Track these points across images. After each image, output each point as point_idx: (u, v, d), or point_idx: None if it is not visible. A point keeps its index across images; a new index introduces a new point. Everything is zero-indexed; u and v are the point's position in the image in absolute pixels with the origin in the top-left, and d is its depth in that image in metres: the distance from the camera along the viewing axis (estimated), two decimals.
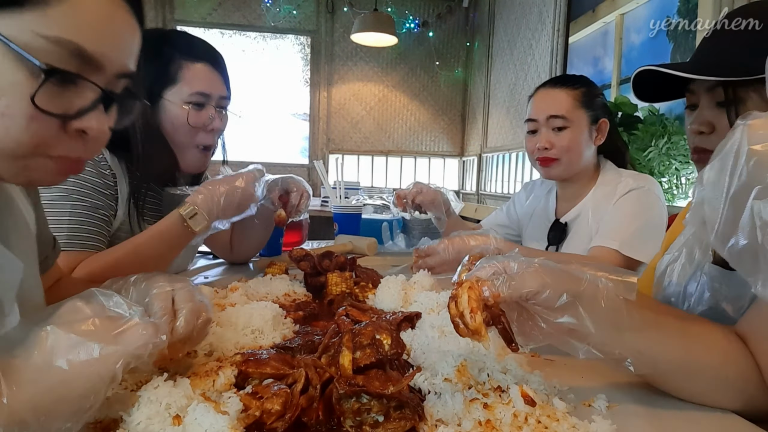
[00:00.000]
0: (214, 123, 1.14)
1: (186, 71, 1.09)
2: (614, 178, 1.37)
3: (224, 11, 4.95)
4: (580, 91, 1.36)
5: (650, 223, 1.26)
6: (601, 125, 1.37)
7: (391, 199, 2.02)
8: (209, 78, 1.12)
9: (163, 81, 1.09)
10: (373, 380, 0.53)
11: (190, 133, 1.12)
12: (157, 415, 0.49)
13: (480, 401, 0.55)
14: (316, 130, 5.22)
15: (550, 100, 1.37)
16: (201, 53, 1.12)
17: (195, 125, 1.11)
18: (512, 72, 4.18)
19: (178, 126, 1.10)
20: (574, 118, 1.35)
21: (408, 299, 0.99)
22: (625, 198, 1.30)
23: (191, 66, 1.10)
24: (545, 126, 1.37)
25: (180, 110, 1.09)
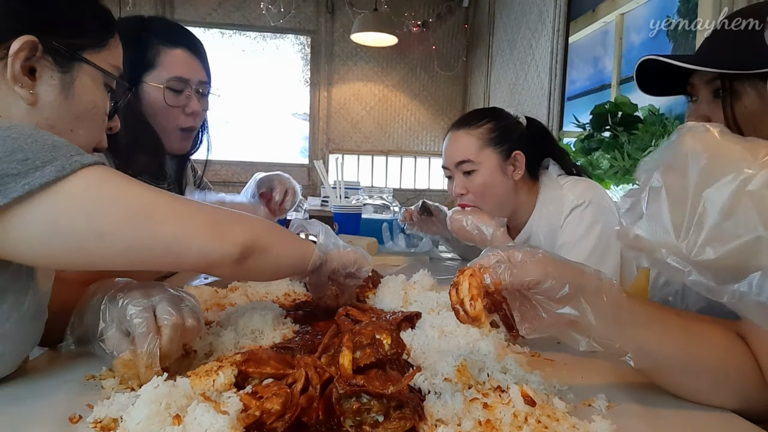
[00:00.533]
0: (192, 105, 1.15)
1: (164, 56, 1.12)
2: (553, 195, 1.32)
3: (224, 11, 4.95)
4: (485, 128, 1.32)
5: (601, 238, 1.22)
6: (516, 157, 1.32)
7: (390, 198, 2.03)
8: (187, 63, 1.14)
9: (142, 66, 1.10)
10: (373, 380, 0.53)
11: (170, 116, 1.14)
12: (157, 415, 0.49)
13: (480, 401, 0.55)
14: (316, 130, 5.22)
15: (455, 145, 1.35)
16: (179, 39, 1.15)
17: (173, 105, 1.13)
18: (512, 72, 4.18)
19: (158, 109, 1.12)
20: (481, 159, 1.31)
21: (408, 299, 0.99)
22: (569, 220, 1.26)
23: (169, 51, 1.12)
24: (456, 172, 1.35)
25: (158, 93, 1.11)
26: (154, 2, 4.77)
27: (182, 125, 1.16)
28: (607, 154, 2.54)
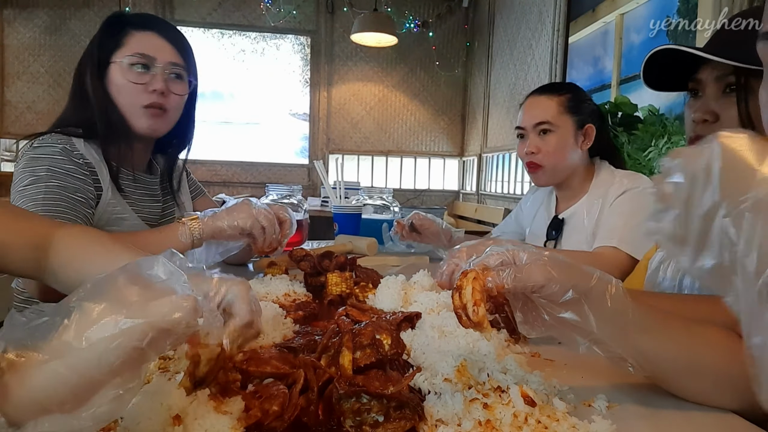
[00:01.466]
0: (155, 83, 1.14)
1: (131, 37, 1.15)
2: (608, 179, 1.40)
3: (224, 11, 4.95)
4: (565, 97, 1.41)
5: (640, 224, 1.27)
6: (587, 130, 1.41)
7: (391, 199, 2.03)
8: (155, 43, 1.15)
9: (110, 48, 1.14)
10: (373, 380, 0.53)
11: (133, 93, 1.14)
12: (158, 416, 0.49)
13: (480, 401, 0.55)
14: (316, 130, 5.22)
15: (536, 108, 1.43)
16: (149, 23, 1.17)
17: (136, 82, 1.13)
18: (512, 72, 4.18)
19: (121, 86, 1.13)
20: (559, 123, 1.39)
21: (408, 299, 0.99)
22: (621, 198, 1.33)
23: (138, 33, 1.15)
24: (532, 132, 1.42)
25: (122, 70, 1.13)
26: (154, 2, 4.77)
27: (144, 102, 1.15)
28: None
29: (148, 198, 1.27)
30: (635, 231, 1.25)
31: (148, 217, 1.24)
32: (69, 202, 1.04)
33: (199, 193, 1.50)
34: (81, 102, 1.15)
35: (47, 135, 1.11)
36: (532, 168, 1.43)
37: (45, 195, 1.02)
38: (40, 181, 1.03)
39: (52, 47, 4.69)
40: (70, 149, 1.09)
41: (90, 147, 1.13)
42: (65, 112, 1.19)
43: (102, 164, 1.14)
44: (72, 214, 1.04)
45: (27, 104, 4.68)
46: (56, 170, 1.05)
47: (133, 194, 1.22)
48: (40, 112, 4.68)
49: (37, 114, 4.69)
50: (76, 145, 1.11)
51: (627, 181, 1.35)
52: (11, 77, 4.64)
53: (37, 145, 1.08)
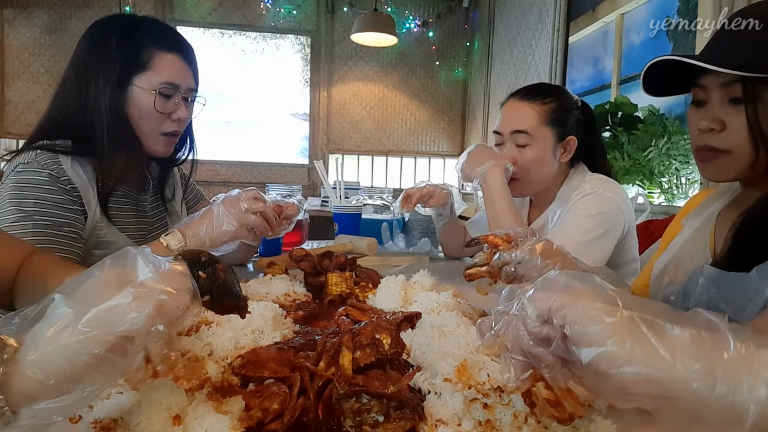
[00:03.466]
0: (180, 112, 1.15)
1: (157, 60, 1.11)
2: (575, 185, 1.33)
3: (224, 11, 4.95)
4: (548, 107, 1.32)
5: (598, 227, 1.22)
6: (569, 142, 1.33)
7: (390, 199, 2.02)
8: (179, 69, 1.14)
9: (134, 67, 1.10)
10: (373, 380, 0.53)
11: (156, 120, 1.13)
12: (158, 415, 0.49)
13: (480, 401, 0.55)
14: (316, 130, 5.22)
15: (516, 114, 1.33)
16: (173, 44, 1.14)
17: (162, 112, 1.13)
18: (512, 72, 4.18)
19: (145, 112, 1.11)
20: (538, 135, 1.31)
21: (408, 299, 0.99)
22: (578, 202, 1.27)
23: (163, 55, 1.11)
24: (509, 140, 1.34)
25: (148, 97, 1.10)
26: (154, 3, 4.77)
27: (166, 130, 1.16)
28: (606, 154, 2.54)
29: (134, 214, 1.22)
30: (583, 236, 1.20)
31: (135, 235, 1.20)
32: (59, 240, 1.00)
33: (199, 199, 1.49)
34: (83, 109, 1.09)
35: (32, 153, 1.04)
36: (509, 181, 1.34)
37: (33, 234, 0.97)
38: (27, 217, 0.98)
39: (52, 47, 4.68)
40: (56, 175, 1.03)
41: (77, 165, 1.07)
42: (52, 118, 1.11)
43: (89, 185, 1.09)
44: (63, 252, 0.99)
45: (27, 104, 4.68)
46: (43, 203, 1.00)
47: (120, 212, 1.17)
48: (40, 112, 4.65)
49: (37, 114, 4.68)
50: (63, 165, 1.05)
51: (589, 186, 1.29)
52: (11, 77, 4.64)
53: (21, 170, 1.02)
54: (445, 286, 1.08)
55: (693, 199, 1.04)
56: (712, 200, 0.94)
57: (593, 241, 1.21)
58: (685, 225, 0.95)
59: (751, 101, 0.73)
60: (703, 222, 0.91)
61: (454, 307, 0.91)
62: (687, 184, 2.31)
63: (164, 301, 0.44)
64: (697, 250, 0.88)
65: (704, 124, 0.79)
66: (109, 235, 1.12)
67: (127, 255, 0.46)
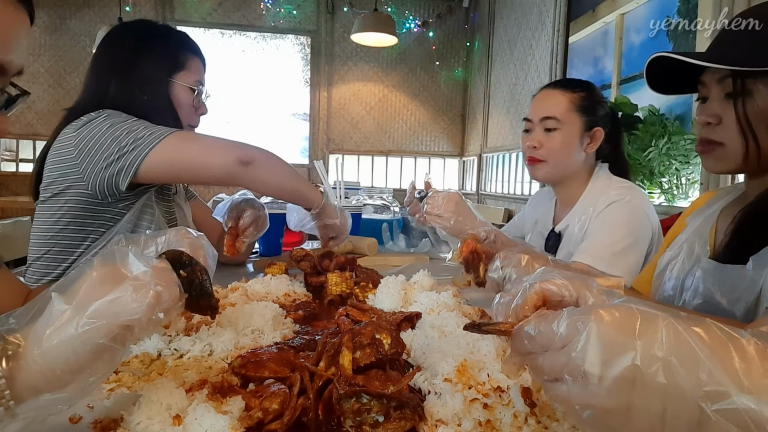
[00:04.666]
0: (203, 108, 1.32)
1: (192, 61, 1.27)
2: (601, 188, 1.35)
3: (224, 11, 4.95)
4: (578, 95, 1.35)
5: (628, 236, 1.23)
6: (595, 133, 1.35)
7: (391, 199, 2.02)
8: (202, 71, 1.31)
9: (173, 66, 1.24)
10: (373, 380, 0.53)
11: (189, 113, 1.28)
12: (158, 415, 0.49)
13: (480, 401, 0.55)
14: (316, 130, 5.22)
15: (546, 101, 1.37)
16: (197, 48, 1.31)
17: (195, 105, 1.29)
18: (512, 72, 4.18)
19: (183, 105, 1.26)
20: (566, 120, 1.34)
21: (408, 299, 0.99)
22: (605, 212, 1.28)
23: (194, 58, 1.28)
24: (538, 126, 1.37)
25: (187, 92, 1.26)
26: (154, 2, 4.77)
27: (192, 123, 1.31)
28: None
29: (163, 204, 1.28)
30: (614, 248, 1.21)
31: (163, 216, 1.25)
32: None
33: (191, 197, 1.51)
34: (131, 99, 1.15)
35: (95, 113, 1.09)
36: (532, 162, 1.39)
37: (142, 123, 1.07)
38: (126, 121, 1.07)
39: (52, 47, 4.69)
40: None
41: None
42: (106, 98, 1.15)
43: None
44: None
45: (27, 104, 4.68)
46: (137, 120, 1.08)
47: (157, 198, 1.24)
48: (40, 112, 4.69)
49: (37, 114, 4.69)
50: None
51: (615, 192, 1.29)
52: None
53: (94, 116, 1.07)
54: (445, 286, 1.08)
55: (698, 199, 1.06)
56: (716, 199, 0.96)
57: (624, 251, 1.21)
58: (689, 223, 0.97)
59: (740, 95, 0.76)
60: (705, 219, 0.93)
61: (454, 307, 0.91)
62: (687, 185, 2.31)
63: (161, 292, 0.47)
64: (696, 246, 0.90)
65: (702, 118, 0.83)
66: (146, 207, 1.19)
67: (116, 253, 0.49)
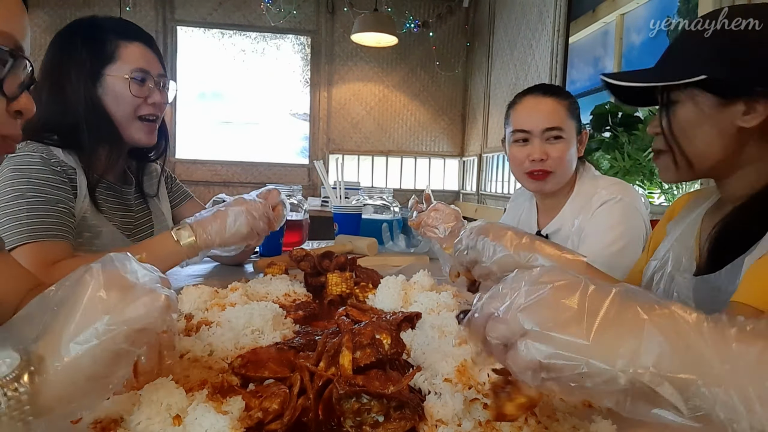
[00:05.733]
0: (155, 96, 1.20)
1: (123, 50, 1.16)
2: (590, 188, 1.33)
3: (224, 11, 4.95)
4: (569, 102, 1.35)
5: (624, 235, 1.23)
6: (583, 136, 1.37)
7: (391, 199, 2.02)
8: (146, 56, 1.19)
9: (103, 60, 1.15)
10: (373, 380, 0.53)
11: (131, 105, 1.18)
12: (158, 415, 0.49)
13: (480, 401, 0.55)
14: (316, 130, 5.22)
15: (544, 111, 1.32)
16: (134, 34, 1.20)
17: (138, 96, 1.17)
18: (512, 72, 4.18)
19: (121, 99, 1.16)
20: (568, 129, 1.32)
21: (408, 299, 0.99)
22: (598, 212, 1.27)
23: (128, 45, 1.17)
24: (539, 137, 1.31)
25: (122, 83, 1.15)
26: (154, 3, 4.77)
27: (142, 113, 1.20)
28: (607, 154, 2.54)
29: (120, 207, 1.26)
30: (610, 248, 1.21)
31: (122, 227, 1.23)
32: (53, 216, 1.04)
33: (184, 198, 1.49)
34: (62, 109, 1.13)
35: (22, 144, 1.07)
36: (540, 176, 1.32)
37: (28, 212, 1.01)
38: (21, 196, 1.02)
39: None
40: (47, 158, 1.08)
41: (67, 154, 1.12)
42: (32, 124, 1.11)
43: (80, 171, 1.14)
44: (57, 227, 1.03)
45: None
46: (37, 182, 1.04)
47: (106, 203, 1.21)
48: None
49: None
50: (54, 152, 1.10)
51: (606, 192, 1.28)
52: None
53: (12, 156, 1.05)
54: (445, 286, 1.08)
55: (676, 203, 1.04)
56: (695, 204, 0.95)
57: (621, 251, 1.21)
58: (670, 231, 0.96)
59: (664, 106, 0.81)
60: (687, 227, 0.92)
61: (454, 307, 0.91)
62: (687, 185, 2.31)
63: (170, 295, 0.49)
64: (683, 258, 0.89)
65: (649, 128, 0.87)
66: (98, 224, 1.16)
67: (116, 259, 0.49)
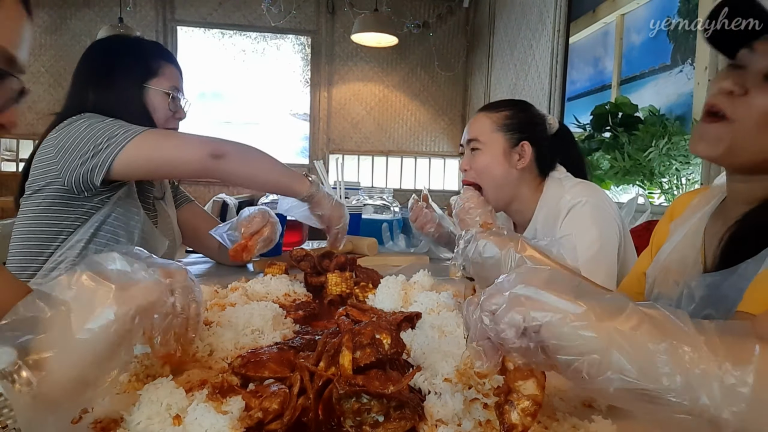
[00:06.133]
0: (181, 113, 1.37)
1: (165, 68, 1.32)
2: (555, 196, 1.32)
3: (224, 11, 4.95)
4: (501, 115, 1.36)
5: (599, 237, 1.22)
6: (523, 147, 1.34)
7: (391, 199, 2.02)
8: (178, 78, 1.36)
9: (147, 73, 1.30)
10: (373, 380, 0.53)
11: (164, 117, 1.32)
12: (158, 415, 0.49)
13: (480, 401, 0.55)
14: (316, 130, 5.22)
15: (473, 125, 1.41)
16: (171, 57, 1.37)
17: (172, 110, 1.33)
18: (512, 72, 4.18)
19: (158, 110, 1.31)
20: (488, 141, 1.35)
21: (408, 299, 0.99)
22: (568, 220, 1.26)
23: (167, 65, 1.33)
24: (467, 149, 1.40)
25: (162, 97, 1.31)
26: (154, 3, 4.77)
27: (169, 126, 1.35)
28: (607, 154, 2.54)
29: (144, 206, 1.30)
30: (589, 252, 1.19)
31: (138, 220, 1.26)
32: None
33: (184, 201, 1.51)
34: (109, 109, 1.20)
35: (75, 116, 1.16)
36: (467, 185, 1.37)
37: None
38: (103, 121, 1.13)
39: (52, 47, 4.68)
40: None
41: None
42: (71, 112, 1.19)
43: None
44: None
45: (27, 104, 4.68)
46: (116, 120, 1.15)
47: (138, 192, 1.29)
48: (41, 112, 4.68)
49: (38, 114, 4.68)
50: None
51: (569, 197, 1.27)
52: None
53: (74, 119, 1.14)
54: (445, 286, 1.08)
55: (677, 201, 0.99)
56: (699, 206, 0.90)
57: (600, 252, 1.20)
58: (674, 231, 0.92)
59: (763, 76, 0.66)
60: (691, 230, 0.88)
61: (454, 307, 0.91)
62: (687, 185, 2.31)
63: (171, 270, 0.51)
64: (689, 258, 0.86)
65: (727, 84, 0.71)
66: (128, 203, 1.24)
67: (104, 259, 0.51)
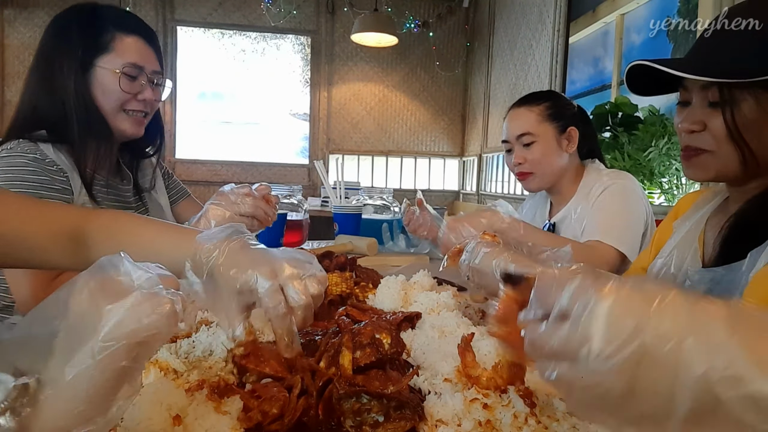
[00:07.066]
0: (146, 93, 1.16)
1: (119, 42, 1.12)
2: (594, 180, 1.44)
3: (224, 11, 4.95)
4: (543, 106, 1.46)
5: (627, 212, 1.33)
6: (570, 133, 1.45)
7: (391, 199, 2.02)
8: (142, 51, 1.15)
9: (96, 49, 1.11)
10: (373, 380, 0.53)
11: (119, 100, 1.14)
12: (158, 415, 0.49)
13: (480, 401, 0.55)
14: (316, 130, 5.22)
15: (517, 120, 1.48)
16: (134, 26, 1.15)
17: (127, 91, 1.13)
18: (512, 72, 4.18)
19: (109, 92, 1.12)
20: (539, 132, 1.44)
21: (408, 299, 0.99)
22: (601, 197, 1.37)
23: (125, 38, 1.13)
24: (516, 144, 1.47)
25: (113, 77, 1.11)
26: (154, 3, 4.77)
27: (131, 108, 1.16)
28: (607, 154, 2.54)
29: (120, 205, 1.22)
30: (615, 224, 1.30)
31: None
32: None
33: (181, 196, 1.47)
34: (50, 101, 1.10)
35: (13, 142, 1.05)
36: (522, 176, 1.49)
37: None
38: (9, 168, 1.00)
39: None
40: (41, 158, 1.04)
41: (60, 152, 1.09)
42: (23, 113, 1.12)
43: (74, 170, 1.10)
44: None
45: None
46: (29, 184, 1.01)
47: (105, 200, 1.17)
48: None
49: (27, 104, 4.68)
50: (45, 152, 1.06)
51: (607, 178, 1.40)
52: (11, 77, 4.64)
53: (4, 155, 1.03)
54: (445, 287, 1.08)
55: (683, 201, 1.04)
56: (702, 204, 0.94)
57: (627, 226, 1.30)
58: (676, 229, 0.96)
59: (727, 104, 0.75)
60: (692, 227, 0.92)
61: (454, 307, 0.91)
62: (687, 185, 2.31)
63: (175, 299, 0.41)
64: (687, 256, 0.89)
65: (686, 125, 0.82)
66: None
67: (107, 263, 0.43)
